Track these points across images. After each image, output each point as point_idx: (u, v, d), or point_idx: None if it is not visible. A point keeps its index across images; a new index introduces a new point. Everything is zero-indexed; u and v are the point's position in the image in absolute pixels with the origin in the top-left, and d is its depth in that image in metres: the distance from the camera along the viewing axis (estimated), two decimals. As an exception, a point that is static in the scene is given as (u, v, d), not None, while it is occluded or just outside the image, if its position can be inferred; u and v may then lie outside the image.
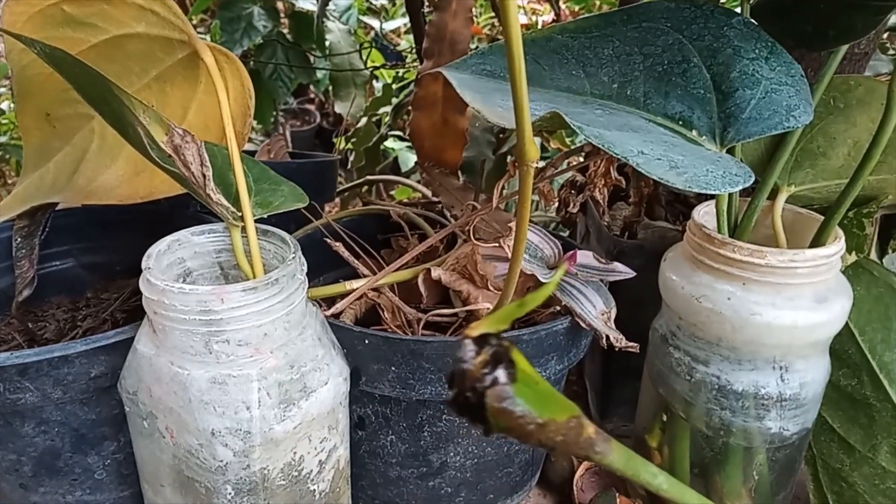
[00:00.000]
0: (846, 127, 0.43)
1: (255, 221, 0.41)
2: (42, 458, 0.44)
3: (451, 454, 0.46)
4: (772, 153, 0.44)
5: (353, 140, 1.19)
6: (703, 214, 0.44)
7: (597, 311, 0.44)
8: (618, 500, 0.47)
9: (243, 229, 0.40)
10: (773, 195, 0.45)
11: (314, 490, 0.41)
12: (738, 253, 0.39)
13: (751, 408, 0.42)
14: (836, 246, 0.40)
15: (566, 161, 0.49)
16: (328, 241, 0.45)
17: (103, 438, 0.45)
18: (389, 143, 1.48)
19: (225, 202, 0.39)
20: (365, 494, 0.49)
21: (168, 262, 0.40)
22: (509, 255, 0.39)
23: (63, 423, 0.43)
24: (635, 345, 0.43)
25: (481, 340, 0.16)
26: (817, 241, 0.41)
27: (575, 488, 0.52)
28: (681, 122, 0.38)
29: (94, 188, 0.51)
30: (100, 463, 0.46)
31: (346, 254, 0.45)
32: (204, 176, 0.38)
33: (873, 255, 0.50)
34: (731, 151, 0.39)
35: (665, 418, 0.47)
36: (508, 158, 0.89)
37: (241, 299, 0.35)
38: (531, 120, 0.35)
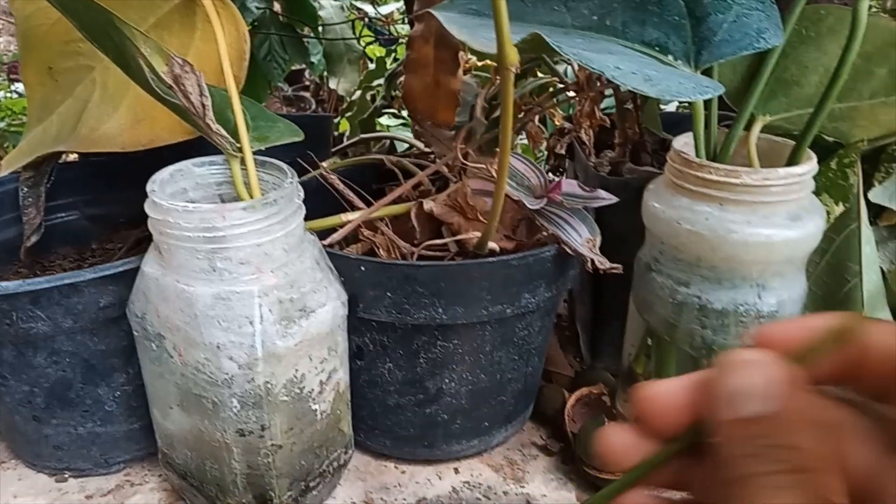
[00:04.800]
0: (818, 55, 0.45)
1: (253, 154, 0.43)
2: (54, 389, 0.46)
3: (447, 380, 0.48)
4: (748, 84, 0.46)
5: (349, 114, 1.20)
6: (684, 145, 0.46)
7: (582, 238, 0.46)
8: (606, 423, 0.49)
9: (242, 161, 0.42)
10: (749, 126, 0.47)
11: (315, 409, 0.43)
12: (714, 174, 0.41)
13: (731, 326, 0.44)
14: (808, 165, 0.41)
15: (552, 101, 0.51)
16: (325, 173, 0.47)
17: (113, 370, 0.47)
18: (384, 121, 1.50)
19: (224, 132, 0.41)
20: (365, 424, 0.51)
21: (171, 192, 0.42)
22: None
23: (74, 354, 0.45)
24: (618, 266, 0.45)
25: None
26: (791, 163, 0.43)
27: (566, 418, 0.54)
28: (657, 48, 0.40)
29: (97, 137, 0.53)
30: (110, 395, 0.48)
31: (341, 185, 0.47)
32: (203, 105, 0.40)
33: (861, 201, 0.51)
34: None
35: (650, 343, 0.49)
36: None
37: (241, 217, 0.37)
38: (513, 42, 0.37)
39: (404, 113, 1.54)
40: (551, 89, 0.58)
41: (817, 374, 0.17)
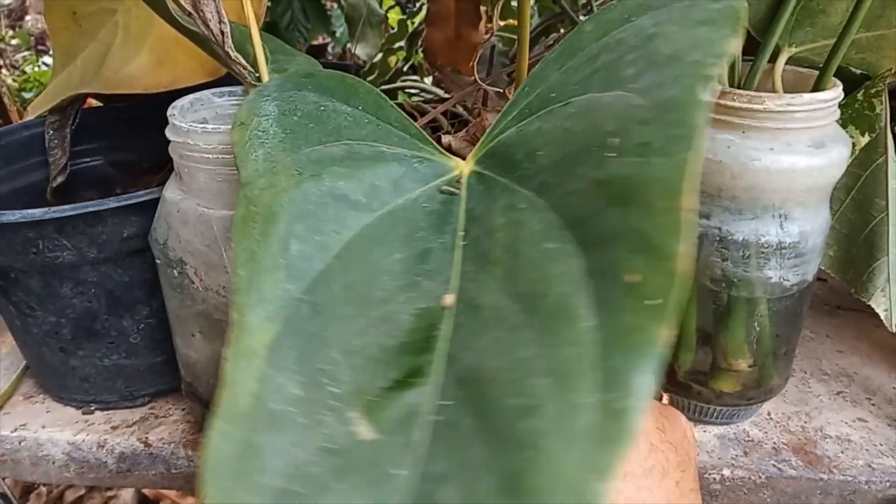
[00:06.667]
0: (845, -19, 0.44)
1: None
2: (80, 321, 0.47)
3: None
4: (773, 14, 0.45)
5: (370, 79, 1.20)
6: (705, 76, 0.45)
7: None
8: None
9: (261, 91, 0.42)
10: (774, 58, 0.46)
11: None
12: (737, 101, 0.41)
13: (752, 257, 0.44)
14: (834, 92, 0.41)
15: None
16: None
17: (136, 302, 0.48)
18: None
19: (242, 60, 0.41)
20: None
21: (191, 121, 0.42)
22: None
23: (99, 285, 0.46)
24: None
25: None
26: (816, 90, 0.42)
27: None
28: (679, -29, 0.40)
29: (120, 79, 0.54)
30: (134, 327, 0.49)
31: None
32: (222, 33, 0.40)
33: (889, 135, 0.50)
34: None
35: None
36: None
37: (260, 139, 0.37)
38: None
39: (427, 80, 1.54)
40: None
41: None
